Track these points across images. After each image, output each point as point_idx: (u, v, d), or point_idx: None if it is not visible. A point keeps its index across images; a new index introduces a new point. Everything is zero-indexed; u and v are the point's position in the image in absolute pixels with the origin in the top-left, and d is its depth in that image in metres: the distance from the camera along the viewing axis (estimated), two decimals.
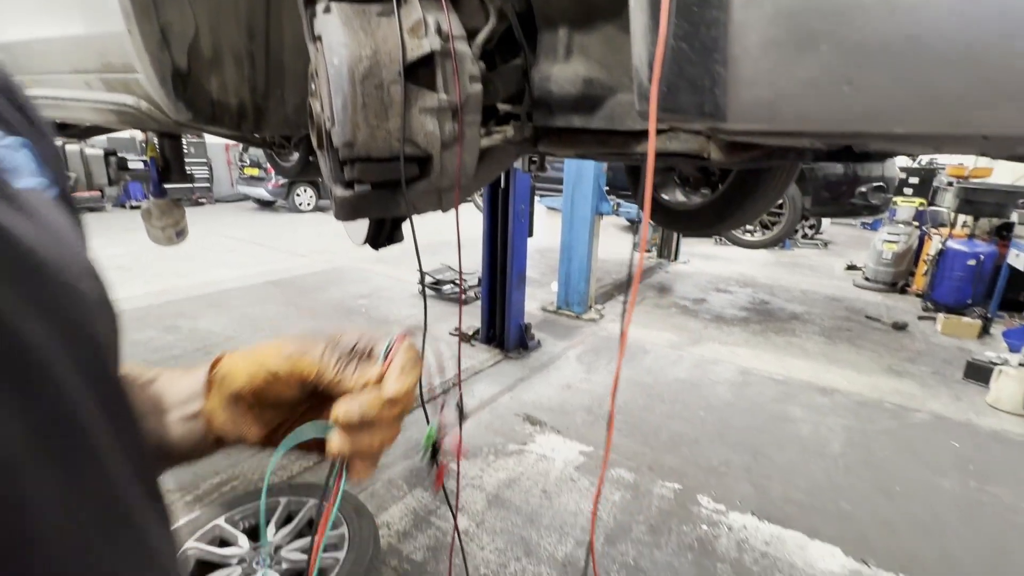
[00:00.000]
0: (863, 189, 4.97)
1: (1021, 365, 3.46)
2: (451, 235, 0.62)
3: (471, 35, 0.80)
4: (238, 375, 0.40)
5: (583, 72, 0.84)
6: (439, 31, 0.64)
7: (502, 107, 0.98)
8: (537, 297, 5.49)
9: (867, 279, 6.63)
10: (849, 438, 3.08)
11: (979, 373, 3.74)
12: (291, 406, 0.42)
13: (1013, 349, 3.60)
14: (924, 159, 9.57)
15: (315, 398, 0.41)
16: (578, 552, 2.15)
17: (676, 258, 7.65)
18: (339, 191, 0.67)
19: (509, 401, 3.38)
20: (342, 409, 0.36)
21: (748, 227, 5.48)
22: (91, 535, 0.22)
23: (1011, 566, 2.16)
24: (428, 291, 5.35)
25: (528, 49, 0.91)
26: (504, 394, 3.47)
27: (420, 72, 0.63)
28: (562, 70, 0.86)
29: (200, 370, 0.43)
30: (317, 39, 0.60)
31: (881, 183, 5.03)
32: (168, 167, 2.38)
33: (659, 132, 0.86)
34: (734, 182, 1.95)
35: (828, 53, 0.38)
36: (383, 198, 0.66)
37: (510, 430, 3.03)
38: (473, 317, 4.39)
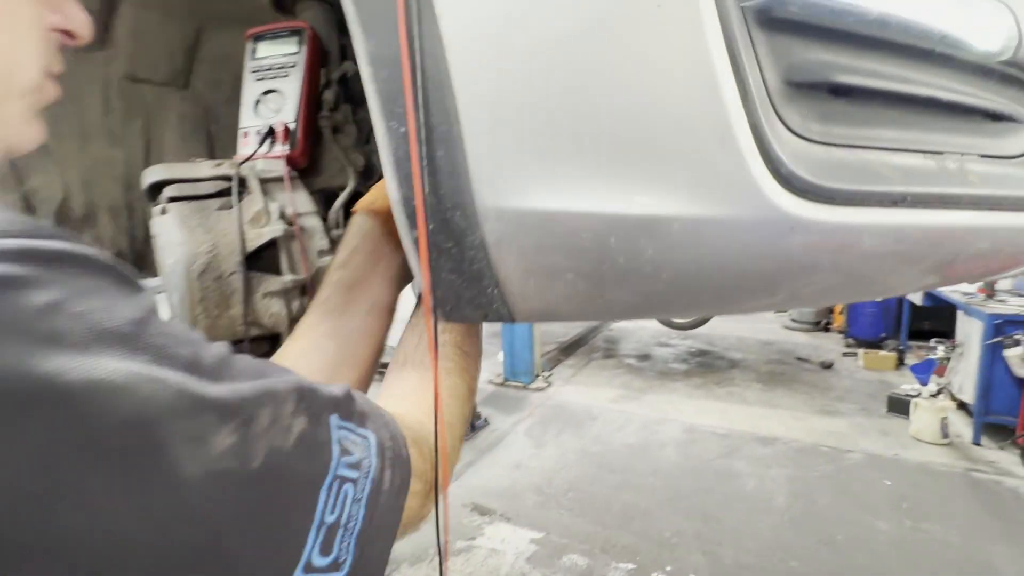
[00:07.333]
0: None
1: (932, 396, 3.72)
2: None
3: (332, 198, 0.85)
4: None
5: None
6: (283, 216, 0.68)
7: None
8: (485, 368, 5.44)
9: (794, 320, 7.06)
10: (792, 489, 3.15)
11: (899, 406, 3.98)
12: None
13: (922, 383, 3.89)
14: None
15: None
16: None
17: None
18: None
19: (456, 489, 3.24)
20: None
21: None
22: None
23: None
24: None
25: None
26: (451, 483, 3.34)
27: (265, 257, 0.66)
28: None
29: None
30: (153, 239, 0.62)
31: None
32: None
33: None
34: None
35: (574, 280, 0.43)
36: None
37: (458, 524, 2.89)
38: None
